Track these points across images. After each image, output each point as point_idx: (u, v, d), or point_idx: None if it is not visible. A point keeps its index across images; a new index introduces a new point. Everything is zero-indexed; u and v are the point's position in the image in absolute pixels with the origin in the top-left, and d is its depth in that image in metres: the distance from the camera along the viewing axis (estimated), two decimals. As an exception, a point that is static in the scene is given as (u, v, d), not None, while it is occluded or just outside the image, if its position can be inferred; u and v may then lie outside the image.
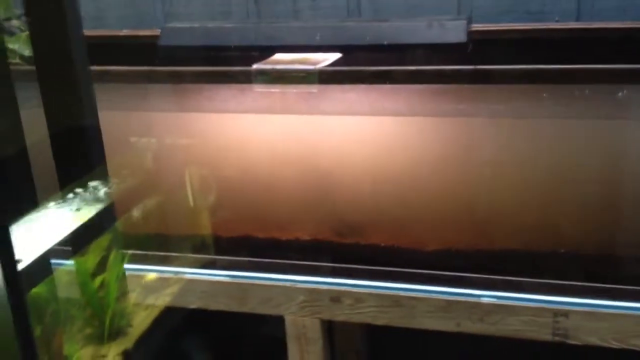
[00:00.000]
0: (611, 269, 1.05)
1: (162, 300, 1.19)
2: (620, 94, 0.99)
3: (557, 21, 1.33)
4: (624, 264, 1.06)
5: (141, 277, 1.17)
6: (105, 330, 1.04)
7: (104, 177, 0.82)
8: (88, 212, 0.78)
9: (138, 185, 1.05)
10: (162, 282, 1.19)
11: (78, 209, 0.78)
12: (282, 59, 1.20)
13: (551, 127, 1.06)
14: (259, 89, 1.12)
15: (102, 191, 0.80)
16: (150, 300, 1.17)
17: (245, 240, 1.21)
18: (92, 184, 0.81)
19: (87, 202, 0.79)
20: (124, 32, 1.47)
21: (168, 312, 1.20)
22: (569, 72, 0.98)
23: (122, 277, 1.09)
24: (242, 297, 1.18)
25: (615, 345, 1.01)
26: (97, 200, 0.78)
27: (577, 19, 1.34)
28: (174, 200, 1.21)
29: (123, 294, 1.07)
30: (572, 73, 0.98)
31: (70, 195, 0.79)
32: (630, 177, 1.03)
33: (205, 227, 1.22)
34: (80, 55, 0.82)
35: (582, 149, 1.05)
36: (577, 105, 1.03)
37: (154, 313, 1.14)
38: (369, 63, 1.08)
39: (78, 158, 0.84)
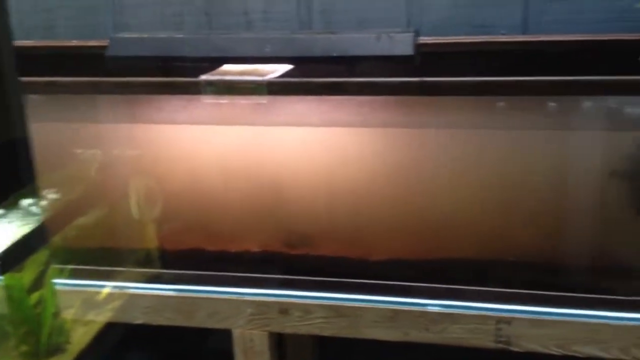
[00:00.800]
0: (553, 277, 1.07)
1: (104, 315, 1.17)
2: (553, 104, 1.01)
3: (503, 34, 1.35)
4: (565, 272, 1.07)
5: (82, 292, 1.15)
6: (41, 347, 1.02)
7: (38, 192, 0.80)
8: (21, 229, 0.76)
9: (81, 198, 1.04)
10: (105, 297, 1.17)
11: (10, 225, 0.76)
12: (231, 70, 1.20)
13: (498, 137, 1.07)
14: (207, 100, 1.11)
15: (36, 207, 0.78)
16: (91, 315, 1.15)
17: (192, 253, 1.20)
18: (25, 199, 0.79)
19: (20, 218, 0.77)
20: (74, 42, 1.46)
21: (110, 328, 1.18)
22: (516, 84, 1.00)
23: (60, 293, 1.07)
24: (189, 311, 1.17)
25: (556, 352, 1.02)
26: (31, 216, 0.77)
27: (524, 32, 1.36)
28: (118, 213, 1.20)
29: (61, 309, 1.05)
30: (519, 85, 1.00)
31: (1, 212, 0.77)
32: (574, 187, 1.05)
33: (151, 240, 1.20)
34: (8, 67, 0.80)
35: (529, 160, 1.07)
36: (524, 116, 1.05)
37: (95, 329, 1.12)
38: (319, 74, 1.08)
39: (8, 174, 0.82)
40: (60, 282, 1.15)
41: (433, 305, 1.07)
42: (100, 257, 1.20)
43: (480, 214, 1.09)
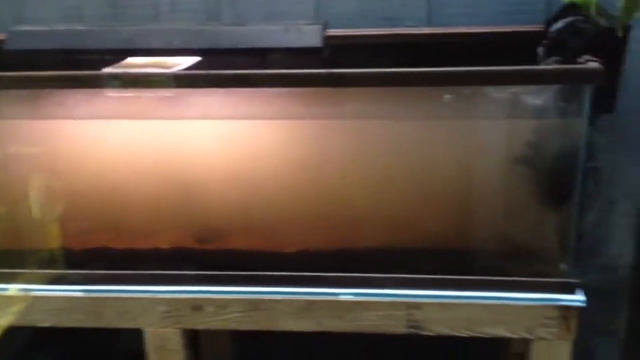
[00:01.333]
0: (460, 261, 1.10)
1: (6, 320, 1.12)
2: (457, 94, 1.04)
3: (408, 26, 1.38)
4: (472, 257, 1.11)
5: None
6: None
7: None
8: None
9: None
10: (6, 301, 1.12)
11: None
12: (136, 63, 1.17)
13: (405, 128, 1.09)
14: (111, 93, 1.08)
15: None
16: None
17: (99, 252, 1.17)
18: None
19: None
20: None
21: (14, 332, 1.13)
22: (422, 75, 1.02)
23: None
24: (98, 311, 1.14)
25: (465, 333, 1.06)
26: None
27: (429, 24, 1.39)
28: (18, 213, 1.15)
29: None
30: (425, 76, 1.02)
31: None
32: (477, 175, 1.08)
33: (54, 240, 1.16)
34: None
35: (434, 149, 1.09)
36: (430, 106, 1.07)
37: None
38: (227, 67, 1.07)
39: None
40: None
41: (346, 294, 1.09)
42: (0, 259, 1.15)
43: (390, 203, 1.11)
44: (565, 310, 1.02)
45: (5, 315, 1.11)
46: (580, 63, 0.99)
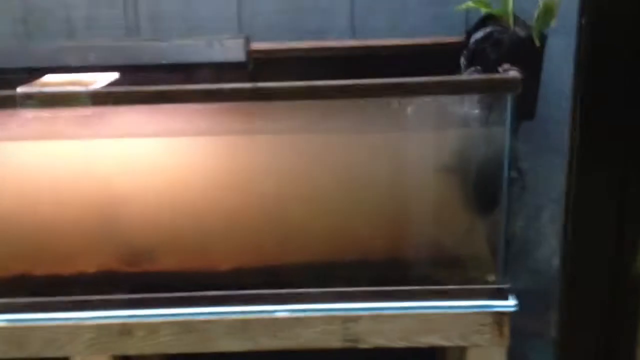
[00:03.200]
0: (392, 272, 1.11)
1: None
2: (395, 106, 1.05)
3: (332, 39, 1.39)
4: (403, 267, 1.11)
5: None
6: None
7: None
8: None
9: None
10: None
11: None
12: (51, 81, 1.13)
13: (332, 141, 1.09)
14: (26, 114, 1.04)
15: None
16: None
17: (21, 280, 1.11)
18: None
19: None
20: None
21: None
22: (346, 87, 1.02)
23: None
24: (21, 341, 1.08)
25: (401, 344, 1.06)
26: None
27: (353, 37, 1.40)
28: None
29: None
30: (349, 88, 1.02)
31: None
32: (406, 186, 1.09)
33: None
34: None
35: (364, 162, 1.09)
36: (355, 118, 1.07)
37: None
38: (148, 83, 1.04)
39: None
40: None
41: (281, 310, 1.07)
42: None
43: (321, 217, 1.10)
44: (498, 316, 1.04)
45: None
46: (501, 72, 1.01)
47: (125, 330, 1.07)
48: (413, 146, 1.07)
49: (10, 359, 1.09)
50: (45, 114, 1.05)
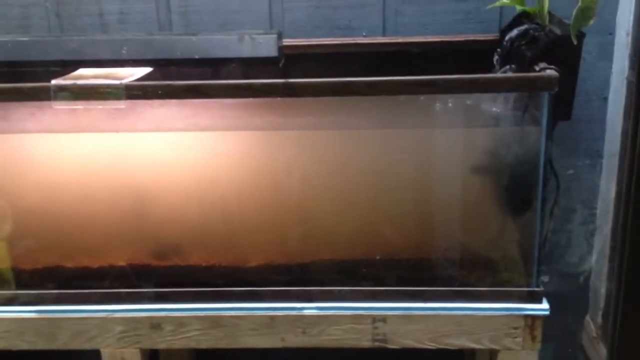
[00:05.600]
0: (423, 272, 1.09)
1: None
2: (428, 104, 1.03)
3: (364, 36, 1.38)
4: (434, 267, 1.10)
5: None
6: None
7: None
8: None
9: None
10: None
11: None
12: (85, 74, 1.13)
13: (364, 137, 1.08)
14: (60, 106, 1.04)
15: None
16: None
17: (52, 272, 1.12)
18: None
19: None
20: None
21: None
22: (379, 84, 1.01)
23: None
24: (52, 333, 1.09)
25: (431, 345, 1.05)
26: None
27: (384, 34, 1.39)
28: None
29: None
30: (382, 85, 1.01)
31: None
32: (439, 185, 1.08)
33: (4, 259, 1.11)
34: None
35: (394, 159, 1.08)
36: (387, 115, 1.06)
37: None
38: (180, 77, 1.04)
39: None
40: None
41: (309, 308, 1.07)
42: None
43: (353, 215, 1.09)
44: (531, 319, 1.03)
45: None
46: (537, 71, 1.00)
47: (155, 324, 1.08)
48: (446, 145, 1.06)
49: (40, 351, 1.10)
50: (78, 106, 1.05)
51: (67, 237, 1.12)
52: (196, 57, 1.25)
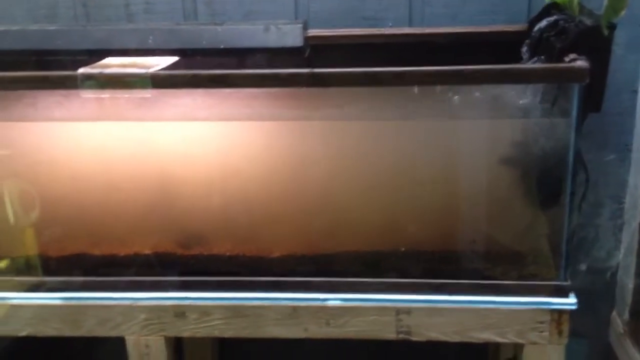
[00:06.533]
0: (448, 265, 1.09)
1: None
2: (451, 95, 1.02)
3: (390, 26, 1.37)
4: (460, 260, 1.09)
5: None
6: None
7: None
8: None
9: None
10: None
11: None
12: (111, 63, 1.13)
13: (388, 128, 1.07)
14: (86, 94, 1.04)
15: None
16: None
17: (77, 259, 1.13)
18: None
19: None
20: None
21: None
22: (405, 74, 1.00)
23: None
24: (77, 319, 1.10)
25: (456, 339, 1.04)
26: None
27: (410, 24, 1.38)
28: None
29: None
30: (408, 75, 1.00)
31: None
32: (464, 176, 1.07)
33: (29, 247, 1.12)
34: None
35: (420, 150, 1.07)
36: (412, 106, 1.05)
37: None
38: (206, 67, 1.04)
39: None
40: None
41: (333, 299, 1.06)
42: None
43: (377, 206, 1.09)
44: (558, 313, 1.01)
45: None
46: (567, 62, 0.98)
47: (179, 312, 1.08)
48: (474, 137, 1.05)
49: (65, 337, 1.11)
50: (105, 95, 1.05)
51: (93, 224, 1.13)
52: (222, 46, 1.25)
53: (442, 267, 1.08)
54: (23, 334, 1.11)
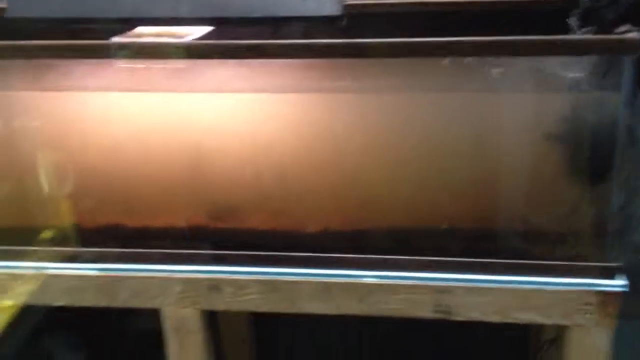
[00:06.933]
0: (489, 243, 1.06)
1: (18, 299, 1.09)
2: (485, 66, 0.99)
3: (430, -6, 1.32)
4: (501, 238, 1.07)
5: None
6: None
7: None
8: None
9: None
10: (16, 279, 1.09)
11: None
12: (145, 32, 1.11)
13: (429, 101, 1.04)
14: (120, 64, 1.03)
15: None
16: (2, 300, 1.06)
17: (112, 230, 1.12)
18: None
19: None
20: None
21: (27, 312, 1.10)
22: (446, 45, 0.96)
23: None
24: (112, 291, 1.10)
25: (496, 319, 1.02)
26: None
27: (451, -8, 1.33)
28: (24, 190, 1.10)
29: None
30: (449, 46, 0.96)
31: None
32: (507, 151, 1.04)
33: (65, 217, 1.12)
34: None
35: (461, 124, 1.04)
36: (454, 78, 1.02)
37: (8, 314, 1.04)
38: (240, 36, 1.01)
39: None
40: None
41: (368, 276, 1.04)
42: (8, 237, 1.11)
43: (413, 182, 1.06)
44: (605, 295, 0.98)
45: (16, 295, 1.07)
46: (619, 33, 0.93)
47: (214, 285, 1.07)
48: (519, 111, 1.01)
49: (101, 308, 1.11)
50: (138, 65, 1.03)
51: (127, 195, 1.12)
52: (256, 15, 1.22)
53: (483, 245, 1.05)
54: (60, 303, 1.11)
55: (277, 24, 1.23)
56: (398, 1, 1.27)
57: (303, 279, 1.06)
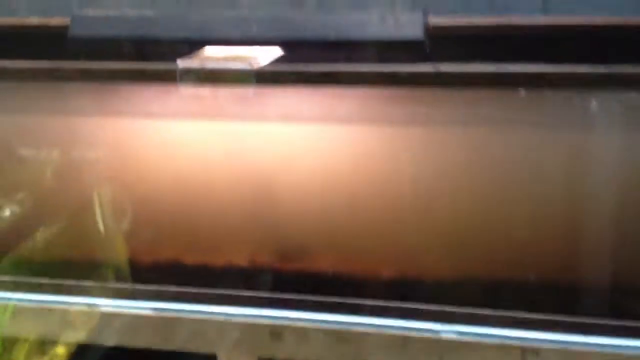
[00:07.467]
0: (581, 299, 0.95)
1: (72, 336, 1.04)
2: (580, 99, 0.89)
3: (521, 15, 1.21)
4: (594, 294, 0.95)
5: (45, 310, 1.02)
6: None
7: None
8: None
9: (34, 207, 0.91)
10: (72, 316, 1.04)
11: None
12: (213, 55, 1.05)
13: (519, 135, 0.95)
14: (185, 90, 0.97)
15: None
16: (56, 336, 1.03)
17: (170, 268, 1.07)
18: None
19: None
20: (33, 19, 1.30)
21: (79, 351, 1.05)
22: (538, 75, 0.86)
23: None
24: (168, 332, 1.04)
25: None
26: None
27: (545, 13, 1.22)
28: (81, 224, 1.06)
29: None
30: (542, 76, 0.86)
31: None
32: (604, 195, 0.93)
33: (121, 253, 1.07)
34: None
35: (553, 163, 0.94)
36: (547, 111, 0.93)
37: (62, 352, 0.99)
38: (314, 61, 0.95)
39: None
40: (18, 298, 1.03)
41: (448, 331, 0.95)
42: (62, 273, 1.07)
43: (499, 227, 0.97)
44: None
45: (70, 332, 1.03)
46: None
47: (276, 332, 1.00)
48: (623, 151, 0.90)
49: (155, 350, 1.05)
50: (204, 90, 0.98)
51: (187, 230, 1.07)
52: (331, 38, 1.14)
53: (578, 301, 0.94)
54: (112, 343, 1.06)
55: (352, 48, 1.16)
56: (485, 22, 1.18)
57: (374, 330, 0.98)
